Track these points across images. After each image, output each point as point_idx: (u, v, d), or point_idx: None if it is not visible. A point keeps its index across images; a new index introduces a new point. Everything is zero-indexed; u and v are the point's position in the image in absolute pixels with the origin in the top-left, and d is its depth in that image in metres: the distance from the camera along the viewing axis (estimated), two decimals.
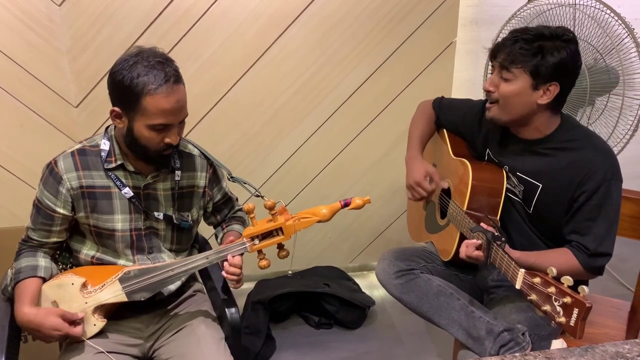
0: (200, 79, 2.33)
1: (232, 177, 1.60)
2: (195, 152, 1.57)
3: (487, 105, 1.61)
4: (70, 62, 2.20)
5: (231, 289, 1.59)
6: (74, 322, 1.38)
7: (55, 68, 2.20)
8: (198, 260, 1.42)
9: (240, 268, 1.44)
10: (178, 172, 1.51)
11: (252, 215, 1.41)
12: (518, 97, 1.52)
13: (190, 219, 1.57)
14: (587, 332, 1.67)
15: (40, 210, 1.45)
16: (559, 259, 1.50)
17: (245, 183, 1.58)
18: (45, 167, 1.44)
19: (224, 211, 1.71)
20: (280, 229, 1.40)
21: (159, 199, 1.51)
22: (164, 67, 1.33)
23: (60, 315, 1.36)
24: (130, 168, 1.44)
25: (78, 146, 1.46)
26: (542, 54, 1.47)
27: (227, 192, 1.70)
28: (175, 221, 1.53)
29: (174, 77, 1.33)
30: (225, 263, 1.42)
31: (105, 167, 1.43)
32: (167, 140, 1.37)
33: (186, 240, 1.60)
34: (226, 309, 1.54)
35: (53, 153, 1.47)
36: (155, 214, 1.49)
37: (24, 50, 2.14)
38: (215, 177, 1.63)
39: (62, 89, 2.23)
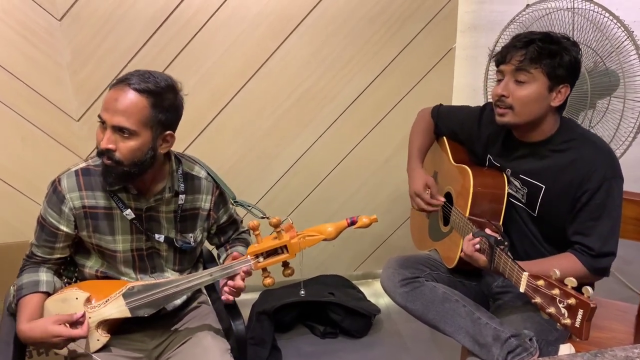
0: (201, 90, 2.34)
1: (235, 201, 1.57)
2: (202, 174, 1.55)
3: (500, 110, 1.58)
4: (71, 75, 2.21)
5: (236, 299, 1.59)
6: (74, 324, 1.37)
7: (56, 82, 2.21)
8: (202, 277, 1.41)
9: (241, 290, 1.43)
10: (182, 196, 1.49)
11: (257, 232, 1.39)
12: (535, 100, 1.51)
13: (193, 240, 1.55)
14: (595, 337, 1.66)
15: (44, 227, 1.45)
16: (562, 265, 1.48)
17: (249, 207, 1.54)
18: (50, 185, 1.44)
19: (228, 233, 1.70)
20: (285, 246, 1.39)
21: (161, 221, 1.50)
22: (138, 75, 1.33)
23: (57, 322, 1.34)
24: (133, 191, 1.43)
25: (82, 165, 1.45)
26: (559, 55, 1.48)
27: (233, 214, 1.68)
28: (176, 244, 1.51)
29: (131, 83, 1.31)
30: (230, 282, 1.41)
31: (108, 188, 1.42)
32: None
33: (189, 261, 1.59)
34: (231, 320, 1.53)
35: (55, 167, 1.47)
36: (156, 236, 1.48)
37: (24, 65, 2.15)
38: (221, 200, 1.60)
39: (64, 102, 2.24)
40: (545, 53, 1.48)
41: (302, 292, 1.54)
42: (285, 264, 1.42)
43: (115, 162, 1.33)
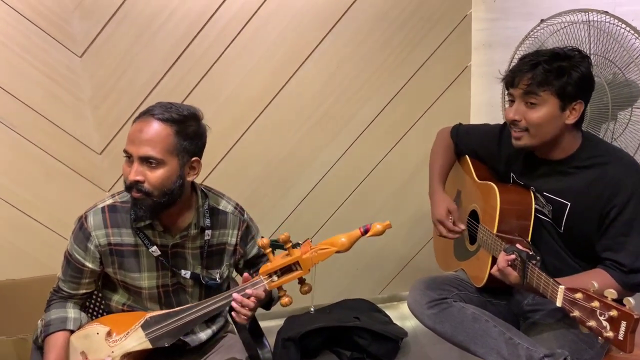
0: (221, 117, 2.36)
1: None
2: (229, 208, 1.55)
3: (515, 134, 1.57)
4: (92, 110, 2.25)
5: (261, 326, 1.57)
6: None
7: (78, 117, 2.25)
8: (217, 302, 1.39)
9: (250, 308, 1.37)
10: (208, 232, 1.49)
11: (267, 251, 1.37)
12: (548, 121, 1.50)
13: (219, 277, 1.54)
14: (633, 353, 1.61)
15: (70, 263, 1.46)
16: (594, 281, 1.46)
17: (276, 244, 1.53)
18: (77, 221, 1.45)
19: (258, 265, 1.66)
20: (297, 262, 1.35)
21: (187, 257, 1.50)
22: (160, 106, 1.37)
23: None
24: (159, 228, 1.44)
25: (109, 201, 1.46)
26: (566, 73, 1.46)
27: None
28: (202, 280, 1.51)
29: (155, 114, 1.34)
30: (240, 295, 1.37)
31: (135, 225, 1.42)
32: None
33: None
34: (258, 349, 1.52)
35: (79, 200, 1.49)
36: (182, 272, 1.48)
37: (47, 102, 2.20)
38: (248, 233, 1.57)
39: (86, 136, 2.28)
40: (553, 74, 1.47)
41: (312, 309, 1.50)
42: (302, 281, 1.38)
43: (145, 194, 1.34)
